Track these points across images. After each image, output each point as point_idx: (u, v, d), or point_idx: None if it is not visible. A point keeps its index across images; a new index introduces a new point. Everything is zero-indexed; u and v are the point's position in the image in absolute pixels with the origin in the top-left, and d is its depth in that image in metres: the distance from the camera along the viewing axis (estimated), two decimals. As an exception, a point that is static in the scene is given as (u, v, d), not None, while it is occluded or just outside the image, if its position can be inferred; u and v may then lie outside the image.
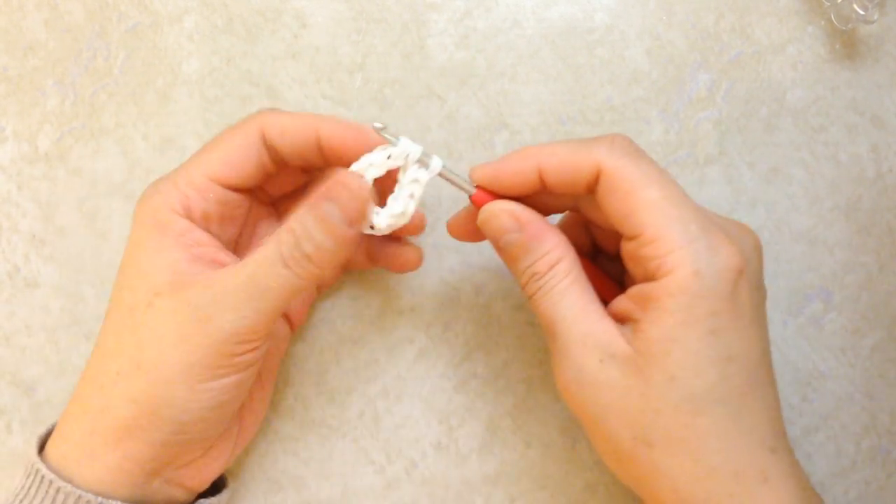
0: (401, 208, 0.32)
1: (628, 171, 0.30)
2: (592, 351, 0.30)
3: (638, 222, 0.29)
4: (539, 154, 0.31)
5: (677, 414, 0.29)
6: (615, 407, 0.30)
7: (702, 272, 0.28)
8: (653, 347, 0.29)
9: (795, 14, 0.41)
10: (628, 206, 0.30)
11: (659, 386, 0.29)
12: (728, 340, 0.29)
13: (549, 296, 0.31)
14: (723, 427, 0.29)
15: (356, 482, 0.39)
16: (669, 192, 0.30)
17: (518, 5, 0.41)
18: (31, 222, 0.41)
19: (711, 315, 0.29)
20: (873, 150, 0.40)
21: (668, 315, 0.29)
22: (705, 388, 0.29)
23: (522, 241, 0.32)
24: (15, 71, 0.42)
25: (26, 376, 0.40)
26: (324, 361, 0.40)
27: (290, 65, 0.41)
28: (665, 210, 0.29)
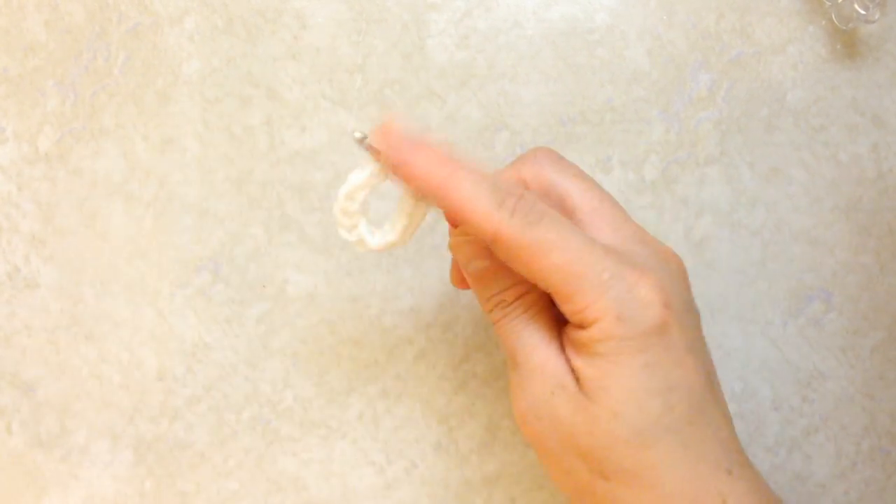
0: (398, 234, 0.32)
1: (525, 240, 0.29)
2: (548, 381, 0.30)
3: (548, 285, 0.29)
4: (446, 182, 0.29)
5: (627, 448, 0.29)
6: (568, 442, 0.30)
7: (623, 315, 0.28)
8: (593, 385, 0.29)
9: (796, 14, 0.41)
10: (533, 272, 0.29)
11: (605, 423, 0.29)
12: (664, 372, 0.29)
13: (513, 325, 0.31)
14: (674, 456, 0.29)
15: (356, 483, 0.39)
16: (572, 252, 0.29)
17: (518, 5, 0.41)
18: (31, 223, 0.41)
19: (641, 352, 0.29)
20: (874, 150, 0.40)
21: (601, 358, 0.29)
22: (650, 421, 0.29)
23: (491, 269, 0.31)
24: (15, 71, 0.42)
25: (26, 377, 0.40)
26: (323, 362, 0.40)
27: (290, 65, 0.41)
28: (571, 270, 0.29)
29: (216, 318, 0.40)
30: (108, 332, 0.41)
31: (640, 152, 0.41)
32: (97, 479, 0.40)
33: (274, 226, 0.41)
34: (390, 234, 0.32)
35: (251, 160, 0.41)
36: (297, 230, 0.41)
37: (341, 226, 0.32)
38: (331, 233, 0.41)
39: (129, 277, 0.41)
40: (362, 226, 0.32)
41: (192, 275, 0.41)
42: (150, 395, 0.40)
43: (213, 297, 0.41)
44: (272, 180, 0.41)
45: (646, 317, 0.29)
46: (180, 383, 0.40)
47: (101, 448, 0.40)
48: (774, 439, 0.39)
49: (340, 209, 0.32)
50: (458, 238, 0.32)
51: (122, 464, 0.40)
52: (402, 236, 0.32)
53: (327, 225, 0.41)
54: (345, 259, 0.40)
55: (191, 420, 0.40)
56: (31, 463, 0.40)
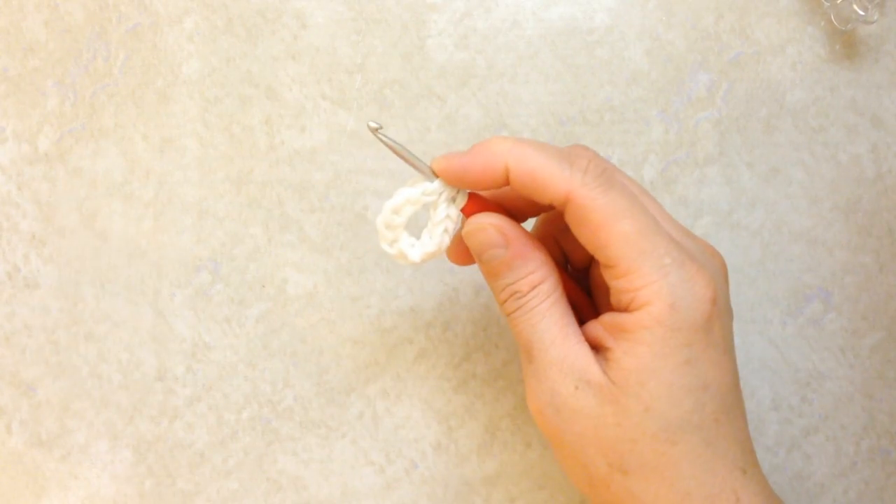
0: (436, 245, 0.32)
1: (600, 202, 0.29)
2: (568, 376, 0.30)
3: (610, 255, 0.29)
4: (510, 154, 0.30)
5: (653, 443, 0.29)
6: (590, 434, 0.30)
7: (677, 305, 0.28)
8: (628, 378, 0.29)
9: (795, 14, 0.41)
10: (600, 238, 0.29)
11: (635, 416, 0.29)
12: (702, 370, 0.29)
13: (529, 316, 0.31)
14: (697, 453, 0.29)
15: (356, 482, 0.39)
16: (642, 224, 0.29)
17: (518, 6, 0.41)
18: (30, 222, 0.41)
19: (686, 346, 0.29)
20: (873, 151, 0.40)
21: (644, 346, 0.29)
22: (681, 417, 0.29)
23: (507, 259, 0.31)
24: (15, 71, 0.42)
25: (26, 376, 0.40)
26: (323, 362, 0.40)
27: (290, 65, 0.41)
28: (637, 244, 0.29)
29: (216, 317, 0.40)
30: (107, 332, 0.41)
31: (639, 152, 0.41)
32: (97, 478, 0.40)
33: (274, 225, 0.41)
34: (429, 245, 0.32)
35: (251, 160, 0.41)
36: (297, 230, 0.41)
37: (384, 239, 0.32)
38: (330, 232, 0.41)
39: (129, 277, 0.41)
40: (404, 239, 0.32)
41: (191, 275, 0.41)
42: (150, 395, 0.40)
43: (212, 297, 0.41)
44: (272, 180, 0.41)
45: (697, 311, 0.29)
46: (180, 383, 0.40)
47: (100, 448, 0.40)
48: (774, 439, 0.39)
49: (385, 222, 0.32)
50: (473, 226, 0.31)
51: (122, 463, 0.40)
52: (440, 246, 0.32)
53: (327, 225, 0.41)
54: (344, 259, 0.40)
55: (190, 420, 0.40)
56: (31, 462, 0.40)
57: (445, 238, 0.32)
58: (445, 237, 0.32)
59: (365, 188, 0.41)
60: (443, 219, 0.32)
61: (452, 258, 0.34)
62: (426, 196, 0.32)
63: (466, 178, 0.31)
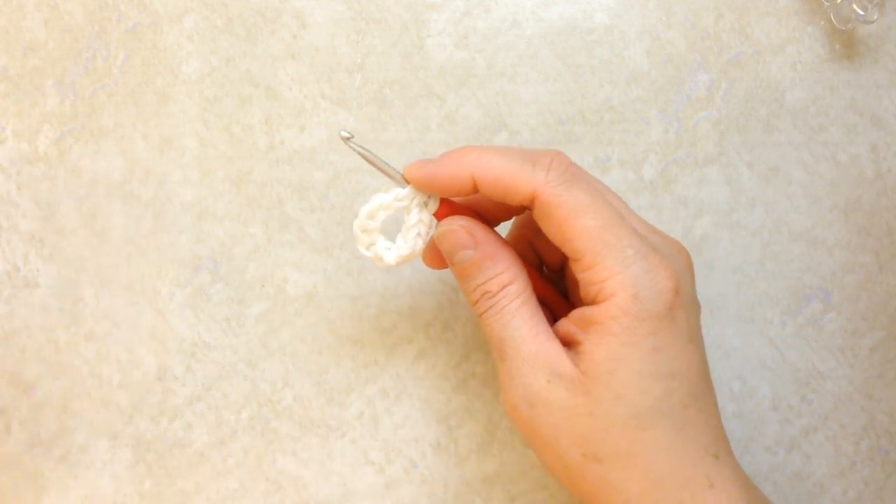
0: (409, 248, 0.34)
1: (563, 198, 0.30)
2: (540, 371, 0.31)
3: (575, 248, 0.30)
4: (476, 163, 0.31)
5: (625, 430, 0.30)
6: (563, 426, 0.30)
7: (640, 295, 0.29)
8: (598, 368, 0.30)
9: (795, 14, 0.41)
10: (564, 233, 0.30)
11: (606, 404, 0.30)
12: (669, 357, 0.30)
13: (500, 315, 0.32)
14: (668, 439, 0.30)
15: (356, 482, 0.39)
16: (605, 218, 0.30)
17: (517, 5, 0.41)
18: (30, 222, 0.41)
19: (651, 334, 0.30)
20: (872, 151, 0.40)
21: (612, 336, 0.30)
22: (650, 404, 0.30)
23: (476, 259, 0.32)
24: (15, 71, 0.42)
25: (26, 376, 0.40)
26: (323, 362, 0.40)
27: (289, 65, 0.41)
28: (601, 237, 0.30)
29: (215, 317, 0.40)
30: (107, 331, 0.41)
31: (638, 152, 0.41)
32: (96, 478, 0.40)
33: (273, 225, 0.41)
34: (403, 248, 0.34)
35: (250, 159, 0.41)
36: (297, 230, 0.41)
37: (360, 242, 0.34)
38: (330, 232, 0.41)
39: (129, 277, 0.41)
40: (380, 243, 0.34)
41: (191, 274, 0.41)
42: (150, 395, 0.40)
43: (212, 297, 0.41)
44: (271, 180, 0.41)
45: (659, 301, 0.30)
46: (179, 382, 0.40)
47: (100, 447, 0.40)
48: (773, 439, 0.39)
49: (360, 226, 0.34)
50: (444, 229, 0.33)
51: (122, 463, 0.40)
52: (414, 249, 0.34)
53: (327, 224, 0.41)
54: (344, 258, 0.40)
55: (190, 419, 0.40)
56: (31, 462, 0.40)
57: (419, 241, 0.34)
58: (419, 241, 0.34)
59: (365, 188, 0.41)
60: (415, 223, 0.33)
61: (428, 262, 0.35)
62: (398, 202, 0.33)
63: (435, 186, 0.32)
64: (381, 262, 0.34)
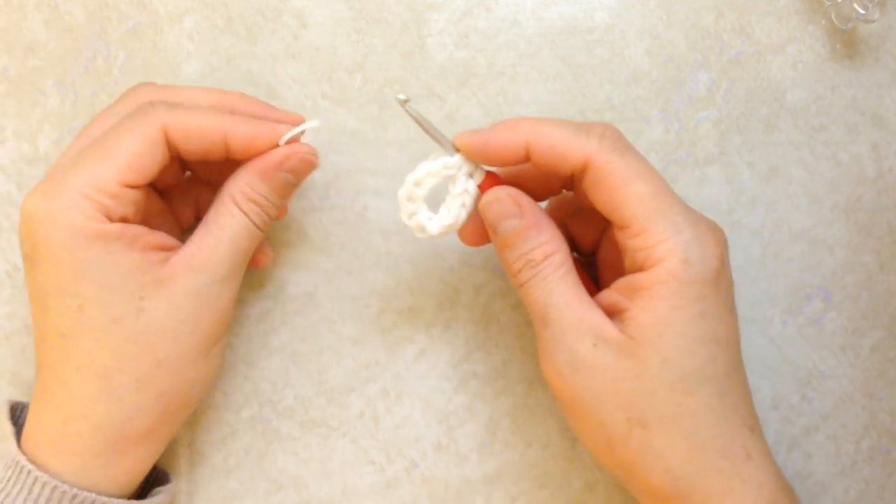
0: (453, 217, 0.34)
1: (616, 165, 0.31)
2: (586, 335, 0.31)
3: (626, 215, 0.31)
4: (531, 131, 0.32)
5: (671, 393, 0.30)
6: (609, 390, 0.31)
7: (690, 260, 0.30)
8: (646, 331, 0.30)
9: (795, 13, 0.41)
10: (616, 199, 0.31)
11: (653, 367, 0.30)
12: (714, 323, 0.31)
13: (544, 283, 0.32)
14: (711, 405, 0.30)
15: (356, 482, 0.39)
16: (656, 186, 0.31)
17: (518, 5, 0.41)
18: (31, 222, 0.41)
19: (699, 300, 0.30)
20: (873, 150, 0.40)
21: (660, 300, 0.30)
22: (696, 369, 0.30)
23: (521, 229, 0.32)
24: (15, 71, 0.42)
25: (26, 376, 0.40)
26: (324, 361, 0.40)
27: (290, 65, 0.41)
28: (652, 204, 0.31)
29: (216, 317, 0.40)
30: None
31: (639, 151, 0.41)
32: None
33: (274, 224, 0.41)
34: (447, 218, 0.34)
35: (251, 159, 0.41)
36: (297, 229, 0.41)
37: (404, 211, 0.34)
38: (330, 232, 0.41)
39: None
40: (422, 212, 0.34)
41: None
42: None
43: (212, 297, 0.40)
44: (272, 180, 0.41)
45: (708, 266, 0.30)
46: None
47: (100, 447, 0.40)
48: (774, 438, 0.39)
49: (406, 194, 0.34)
50: (491, 197, 0.33)
51: (122, 463, 0.40)
52: (458, 219, 0.34)
53: (327, 224, 0.41)
54: (345, 258, 0.40)
55: (190, 419, 0.40)
56: (31, 462, 0.40)
57: (462, 212, 0.34)
58: (462, 211, 0.34)
59: (365, 188, 0.41)
60: (461, 192, 0.33)
61: (466, 238, 0.35)
62: (446, 170, 0.33)
63: (487, 153, 0.33)
64: (424, 231, 0.34)
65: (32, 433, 0.33)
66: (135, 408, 0.33)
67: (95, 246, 0.32)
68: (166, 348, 0.33)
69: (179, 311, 0.32)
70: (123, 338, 0.32)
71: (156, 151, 0.33)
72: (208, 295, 0.33)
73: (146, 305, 0.32)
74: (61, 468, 0.32)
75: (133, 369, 0.32)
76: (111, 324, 0.32)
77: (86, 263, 0.32)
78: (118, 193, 0.32)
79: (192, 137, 0.33)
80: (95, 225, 0.32)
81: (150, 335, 0.32)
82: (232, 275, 0.34)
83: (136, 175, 0.32)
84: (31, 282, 0.33)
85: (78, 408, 0.32)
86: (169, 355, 0.33)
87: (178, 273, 0.33)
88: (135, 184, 0.33)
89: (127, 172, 0.32)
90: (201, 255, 0.33)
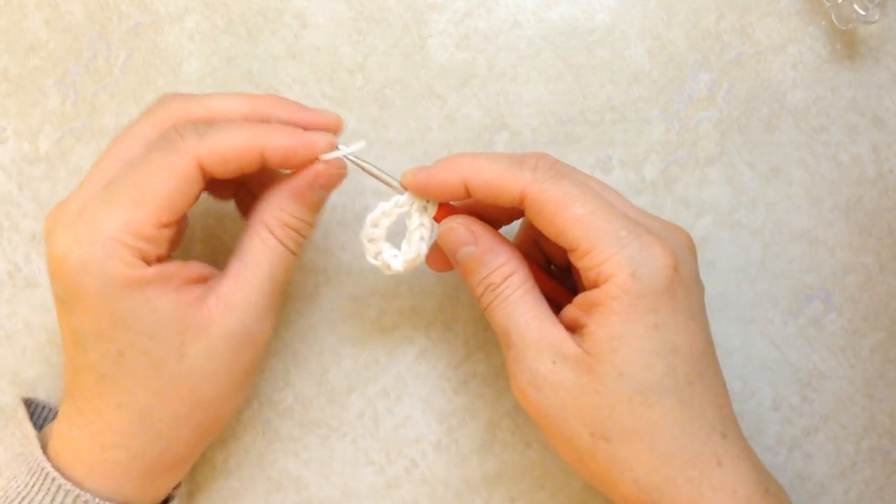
0: (415, 252, 0.35)
1: (551, 193, 0.31)
2: (546, 353, 0.31)
3: (570, 238, 0.31)
4: (467, 168, 0.33)
5: (630, 406, 0.30)
6: (571, 406, 0.31)
7: (638, 273, 0.30)
8: (602, 347, 0.30)
9: (796, 14, 0.41)
10: (558, 226, 0.31)
11: (610, 382, 0.30)
12: (670, 334, 0.30)
13: (504, 305, 0.33)
14: (674, 415, 0.30)
15: (356, 482, 0.39)
16: (593, 205, 0.31)
17: (518, 6, 0.41)
18: (31, 222, 0.41)
19: (652, 311, 0.30)
20: (874, 151, 0.40)
21: (613, 315, 0.30)
22: (654, 380, 0.30)
23: (477, 254, 0.33)
24: (16, 71, 0.42)
25: (26, 376, 0.40)
26: (324, 361, 0.40)
27: (290, 65, 0.41)
28: (592, 223, 0.31)
29: (216, 317, 0.40)
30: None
31: (640, 152, 0.41)
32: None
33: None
34: (409, 253, 0.35)
35: (251, 160, 0.41)
36: (298, 230, 0.41)
37: (368, 252, 0.35)
38: (330, 232, 0.41)
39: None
40: (386, 251, 0.35)
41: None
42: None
43: (213, 297, 0.40)
44: (272, 180, 0.41)
45: (658, 277, 0.30)
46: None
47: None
48: (774, 439, 0.39)
49: (366, 236, 0.35)
50: (444, 227, 0.34)
51: (122, 463, 0.40)
52: (419, 253, 0.35)
53: (327, 224, 0.41)
54: (345, 259, 0.40)
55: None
56: (31, 462, 0.40)
57: (423, 245, 0.35)
58: (423, 244, 0.35)
59: (365, 188, 0.41)
60: (417, 226, 0.35)
61: (432, 265, 0.36)
62: (399, 208, 0.35)
63: (430, 190, 0.34)
64: (390, 269, 0.35)
65: (63, 452, 0.33)
66: (173, 440, 0.33)
67: (132, 294, 0.31)
68: (206, 389, 0.33)
69: (219, 354, 0.32)
70: (165, 381, 0.32)
71: (190, 188, 0.32)
72: (248, 335, 0.33)
73: (187, 351, 0.32)
74: (95, 486, 0.32)
75: (174, 408, 0.32)
76: (152, 368, 0.32)
77: (123, 313, 0.31)
78: (154, 235, 0.31)
79: (228, 161, 0.32)
80: (131, 272, 0.31)
81: (190, 378, 0.32)
82: (270, 310, 0.34)
83: (171, 214, 0.32)
84: (64, 322, 0.32)
85: (116, 438, 0.32)
86: (208, 395, 0.33)
87: (217, 315, 0.32)
88: (170, 222, 0.32)
89: (162, 213, 0.31)
90: (239, 294, 0.33)
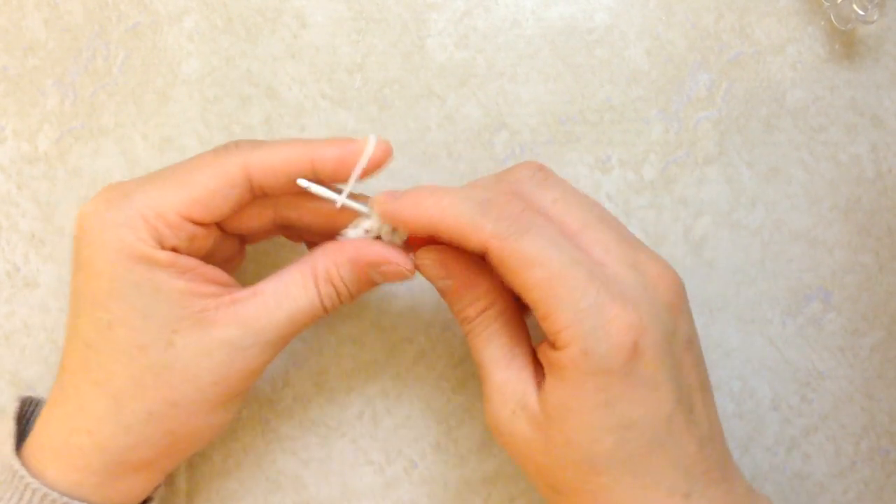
0: None
1: (511, 250, 0.29)
2: (509, 401, 0.31)
3: (529, 299, 0.30)
4: (433, 209, 0.31)
5: (578, 473, 0.30)
6: (526, 456, 0.31)
7: (589, 351, 0.28)
8: (553, 411, 0.30)
9: (795, 14, 0.41)
10: (517, 285, 0.30)
11: (558, 447, 0.30)
12: (624, 410, 0.29)
13: (477, 340, 0.32)
14: (626, 483, 0.29)
15: (355, 482, 0.39)
16: (555, 268, 0.29)
17: (518, 5, 0.41)
18: (30, 222, 0.41)
19: (602, 390, 0.29)
20: (873, 151, 0.40)
21: (565, 382, 0.29)
22: (602, 454, 0.29)
23: (454, 287, 0.32)
24: (15, 71, 0.42)
25: (26, 376, 0.40)
26: (323, 361, 0.40)
27: (289, 65, 0.41)
28: (551, 289, 0.29)
29: (215, 317, 0.40)
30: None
31: (639, 152, 0.41)
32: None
33: (273, 225, 0.41)
34: None
35: (251, 159, 0.41)
36: (297, 229, 0.41)
37: None
38: (330, 232, 0.41)
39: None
40: None
41: (191, 274, 0.41)
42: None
43: (212, 297, 0.40)
44: (272, 180, 0.41)
45: (612, 358, 0.29)
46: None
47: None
48: (773, 439, 0.39)
49: None
50: (419, 262, 0.33)
51: (122, 463, 0.40)
52: None
53: (327, 224, 0.41)
54: (344, 258, 0.40)
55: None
56: (30, 462, 0.40)
57: None
58: None
59: (365, 188, 0.40)
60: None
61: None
62: (369, 233, 0.33)
63: (399, 225, 0.32)
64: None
65: (38, 436, 0.33)
66: (140, 439, 0.32)
67: (138, 268, 0.31)
68: (186, 390, 0.31)
69: (209, 358, 0.31)
70: (145, 366, 0.31)
71: (231, 192, 0.32)
72: (245, 353, 0.32)
73: (177, 340, 0.31)
74: (56, 477, 0.32)
75: (147, 401, 0.31)
76: (136, 349, 0.31)
77: (123, 284, 0.31)
78: (176, 224, 0.31)
79: (278, 172, 0.32)
80: (143, 248, 0.31)
81: (173, 372, 0.31)
82: (276, 343, 0.33)
83: (202, 211, 0.31)
84: (72, 283, 0.32)
85: (85, 422, 0.32)
86: (186, 398, 0.32)
87: (221, 321, 0.31)
88: (200, 220, 0.31)
89: (193, 206, 0.31)
90: (253, 311, 0.32)
